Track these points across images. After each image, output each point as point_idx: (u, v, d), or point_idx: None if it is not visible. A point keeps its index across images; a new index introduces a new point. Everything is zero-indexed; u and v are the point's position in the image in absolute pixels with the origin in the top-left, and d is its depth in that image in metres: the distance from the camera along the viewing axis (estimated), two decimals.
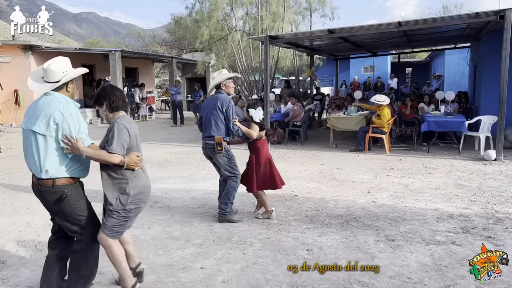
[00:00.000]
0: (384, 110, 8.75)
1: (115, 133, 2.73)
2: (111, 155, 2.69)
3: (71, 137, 2.62)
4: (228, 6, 15.29)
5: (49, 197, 2.71)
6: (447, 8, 36.03)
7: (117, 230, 2.87)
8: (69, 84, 2.80)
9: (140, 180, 2.89)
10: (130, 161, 2.77)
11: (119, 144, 2.71)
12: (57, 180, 2.68)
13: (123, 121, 2.82)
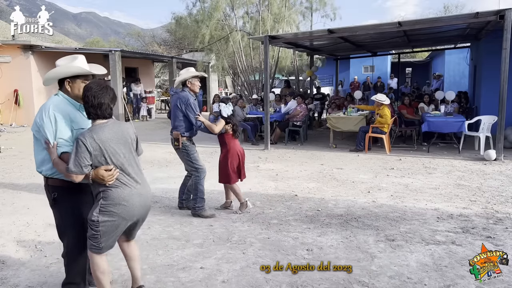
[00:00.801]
0: (384, 109, 8.75)
1: (74, 150, 2.51)
2: (69, 174, 2.52)
3: (49, 141, 2.57)
4: (228, 6, 15.28)
5: (46, 194, 2.78)
6: (448, 8, 36.05)
7: (92, 242, 2.66)
8: (70, 82, 2.69)
9: (117, 192, 2.61)
10: (96, 177, 2.55)
11: (76, 163, 2.48)
12: (50, 179, 2.70)
13: (84, 136, 2.52)
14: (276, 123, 10.65)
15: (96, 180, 2.56)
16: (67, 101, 2.70)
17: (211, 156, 8.69)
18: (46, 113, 2.58)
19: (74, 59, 2.70)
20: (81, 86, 2.67)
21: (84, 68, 2.71)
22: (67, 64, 2.68)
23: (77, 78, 2.68)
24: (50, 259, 3.70)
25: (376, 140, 9.59)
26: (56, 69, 2.68)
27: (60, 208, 2.74)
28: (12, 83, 13.89)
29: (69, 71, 2.67)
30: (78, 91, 2.68)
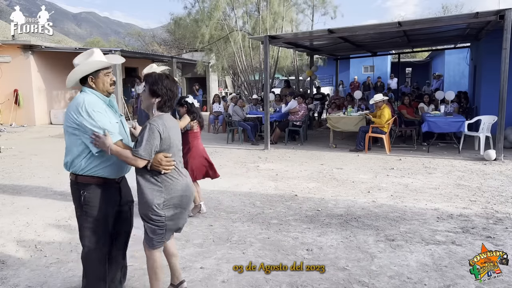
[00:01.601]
0: (384, 110, 8.75)
1: (145, 136, 2.49)
2: (135, 159, 2.49)
3: (98, 131, 2.47)
4: (228, 6, 15.28)
5: (72, 193, 2.66)
6: (447, 8, 36.03)
7: (155, 239, 2.62)
8: (92, 78, 2.61)
9: (176, 183, 2.62)
10: (154, 161, 2.53)
11: (146, 148, 2.48)
12: (79, 176, 2.60)
13: (158, 122, 2.54)
14: (276, 123, 10.65)
15: (154, 165, 2.53)
16: (95, 96, 2.62)
17: (211, 155, 8.69)
18: (83, 108, 2.50)
19: (91, 54, 2.63)
20: (104, 79, 2.63)
21: (104, 60, 2.65)
22: (86, 61, 2.61)
23: (98, 72, 2.62)
24: (50, 259, 3.70)
25: (376, 140, 9.59)
26: (77, 69, 2.61)
27: (87, 207, 2.62)
28: (12, 83, 13.89)
29: (90, 67, 2.60)
30: (102, 85, 2.64)
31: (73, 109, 2.53)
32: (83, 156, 2.57)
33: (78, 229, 2.72)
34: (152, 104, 2.61)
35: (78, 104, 2.53)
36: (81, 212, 2.64)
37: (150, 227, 2.61)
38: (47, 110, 14.84)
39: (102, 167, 2.60)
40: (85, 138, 2.52)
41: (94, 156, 2.56)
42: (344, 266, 3.46)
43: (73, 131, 2.54)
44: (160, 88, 2.57)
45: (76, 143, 2.56)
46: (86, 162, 2.57)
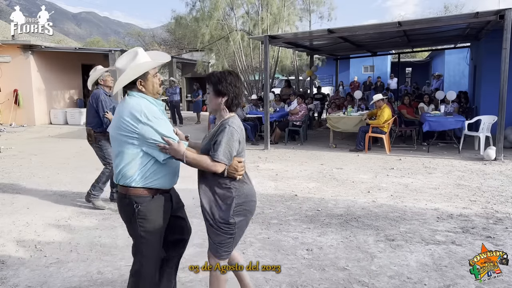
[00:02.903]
0: (384, 110, 8.75)
1: (224, 139, 2.30)
2: (215, 164, 2.30)
3: (168, 138, 2.27)
4: (228, 6, 15.29)
5: (122, 208, 2.42)
6: (448, 8, 36.05)
7: (223, 248, 2.46)
8: (141, 80, 2.37)
9: (245, 188, 2.45)
10: (230, 167, 2.35)
11: (226, 152, 2.30)
12: (132, 189, 2.33)
13: (235, 124, 2.37)
14: (276, 123, 10.65)
15: (230, 171, 2.36)
16: (147, 100, 2.38)
17: None
18: (143, 115, 2.26)
19: (135, 56, 2.39)
20: (153, 80, 2.42)
21: (156, 60, 2.47)
22: (134, 64, 2.37)
23: (147, 73, 2.39)
24: (50, 259, 3.70)
25: (376, 140, 9.58)
26: (126, 74, 2.35)
27: (143, 221, 2.37)
28: (12, 83, 13.89)
29: (139, 70, 2.36)
30: (152, 87, 2.42)
31: (128, 116, 2.27)
32: (140, 167, 2.33)
33: (132, 244, 2.49)
34: (219, 105, 2.43)
35: (135, 110, 2.27)
36: (135, 227, 2.39)
37: (218, 236, 2.43)
38: (47, 110, 14.84)
39: (158, 177, 2.38)
40: (147, 147, 2.29)
41: (152, 166, 2.35)
42: (344, 266, 3.46)
43: (131, 141, 2.28)
44: (224, 86, 2.40)
45: (133, 153, 2.31)
46: (143, 174, 2.34)
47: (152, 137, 2.26)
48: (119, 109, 2.38)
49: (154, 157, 2.33)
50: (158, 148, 2.29)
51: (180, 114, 14.76)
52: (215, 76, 2.45)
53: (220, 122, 2.42)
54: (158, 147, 2.28)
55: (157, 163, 2.35)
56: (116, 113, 2.40)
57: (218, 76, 2.44)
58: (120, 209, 2.46)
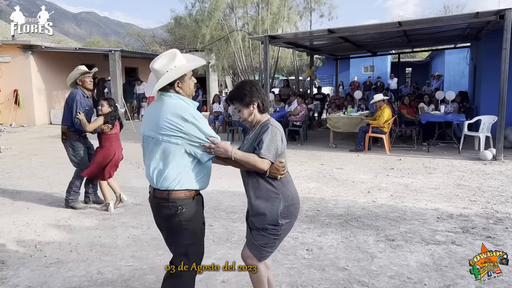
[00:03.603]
0: (384, 110, 8.75)
1: (268, 137, 2.35)
2: (262, 160, 2.32)
3: (213, 138, 2.27)
4: (228, 6, 15.30)
5: (162, 212, 2.34)
6: (448, 8, 36.06)
7: (267, 250, 2.46)
8: (179, 82, 2.33)
9: (290, 190, 2.47)
10: (272, 167, 2.37)
11: (271, 149, 2.34)
12: (173, 192, 2.28)
13: (277, 124, 2.44)
14: None
15: (271, 171, 2.37)
16: (183, 101, 2.33)
17: None
18: (187, 114, 2.23)
19: (174, 57, 2.35)
20: (189, 83, 2.39)
21: (196, 63, 2.44)
22: (173, 66, 2.32)
23: (184, 75, 2.36)
24: (50, 259, 3.70)
25: (376, 140, 9.58)
26: (167, 76, 2.30)
27: (187, 223, 2.33)
28: (12, 83, 13.89)
29: (178, 72, 2.32)
30: (188, 89, 2.39)
31: (172, 115, 2.22)
32: (183, 169, 2.28)
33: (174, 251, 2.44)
34: (251, 113, 2.45)
35: (180, 110, 2.24)
36: (179, 230, 2.34)
37: (263, 238, 2.42)
38: (47, 110, 14.85)
39: (198, 178, 2.36)
40: (191, 147, 2.25)
41: (194, 168, 2.32)
42: (344, 266, 3.46)
43: (175, 140, 2.23)
44: (249, 96, 2.42)
45: (176, 154, 2.26)
46: (185, 175, 2.30)
47: (198, 136, 2.24)
48: (155, 109, 2.32)
49: (196, 157, 2.30)
50: (202, 148, 2.27)
51: None
52: (235, 93, 2.49)
53: (260, 124, 2.46)
54: (203, 147, 2.26)
55: (198, 164, 2.34)
56: (151, 113, 2.35)
57: (238, 91, 2.48)
58: (159, 214, 2.38)
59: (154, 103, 2.41)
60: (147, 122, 2.37)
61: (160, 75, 2.31)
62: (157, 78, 2.33)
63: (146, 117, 2.43)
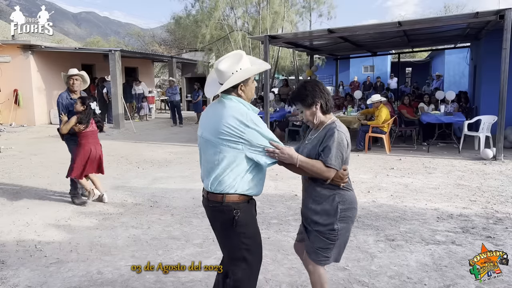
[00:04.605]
0: (381, 110, 8.74)
1: (335, 144, 2.27)
2: (328, 170, 2.25)
3: (277, 143, 2.20)
4: (228, 6, 15.30)
5: (217, 216, 2.30)
6: (448, 8, 36.06)
7: (323, 254, 2.41)
8: (242, 85, 2.28)
9: (348, 194, 2.41)
10: (335, 176, 2.31)
11: (338, 157, 2.27)
12: (228, 196, 2.23)
13: (343, 129, 2.35)
14: (276, 123, 10.65)
15: (335, 179, 2.32)
16: (243, 105, 2.27)
17: None
18: (248, 119, 2.17)
19: (241, 59, 2.28)
20: (252, 86, 2.35)
21: (259, 67, 2.39)
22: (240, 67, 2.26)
23: (248, 79, 2.31)
24: (50, 259, 3.70)
25: (376, 140, 9.58)
26: (234, 78, 2.23)
27: (243, 227, 2.27)
28: (12, 83, 13.89)
29: (246, 74, 2.27)
30: (250, 92, 2.34)
31: (232, 120, 2.17)
32: (241, 173, 2.24)
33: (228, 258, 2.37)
34: (314, 114, 2.40)
35: (240, 115, 2.18)
36: (234, 234, 2.29)
37: (321, 241, 2.40)
38: (47, 110, 14.84)
39: (254, 183, 2.30)
40: (252, 152, 2.20)
41: (251, 172, 2.27)
42: (344, 266, 3.46)
43: (235, 145, 2.18)
44: (311, 96, 2.37)
45: (236, 158, 2.21)
46: (242, 180, 2.24)
47: (260, 142, 2.18)
48: (215, 112, 2.27)
49: (255, 162, 2.24)
50: (264, 153, 2.20)
51: (180, 114, 14.76)
52: (297, 93, 2.43)
53: (324, 126, 2.40)
54: (267, 152, 2.20)
55: (255, 169, 2.28)
56: (211, 116, 2.29)
57: (300, 90, 2.42)
58: (213, 218, 2.34)
59: (213, 105, 2.35)
60: (205, 125, 2.31)
61: (225, 76, 2.25)
62: (220, 79, 2.28)
63: (204, 119, 2.37)
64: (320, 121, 2.41)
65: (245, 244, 2.30)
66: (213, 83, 2.36)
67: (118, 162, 8.08)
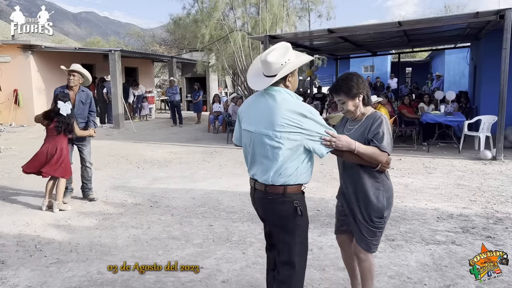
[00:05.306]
0: (380, 111, 8.73)
1: (385, 129, 2.39)
2: (382, 153, 2.35)
3: (332, 132, 2.25)
4: (227, 6, 15.29)
5: (277, 208, 2.28)
6: (449, 8, 36.06)
7: (374, 242, 2.53)
8: (290, 76, 2.29)
9: (389, 182, 2.52)
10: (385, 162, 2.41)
11: (389, 142, 2.39)
12: (289, 187, 2.24)
13: (383, 116, 2.50)
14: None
15: (383, 165, 2.42)
16: (291, 96, 2.27)
17: (211, 155, 8.69)
18: (305, 109, 2.19)
19: (288, 51, 2.28)
20: (297, 77, 2.37)
21: (303, 58, 2.38)
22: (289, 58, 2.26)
23: (294, 70, 2.32)
24: (50, 259, 3.70)
25: None
26: (286, 68, 2.23)
27: (301, 219, 2.28)
28: (11, 83, 13.88)
29: (292, 66, 2.28)
30: (296, 83, 2.36)
31: (290, 112, 2.17)
32: (299, 163, 2.26)
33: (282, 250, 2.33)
34: (357, 105, 2.49)
35: (296, 105, 2.20)
36: (292, 227, 2.29)
37: (371, 230, 2.49)
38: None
39: (308, 173, 2.33)
40: (310, 142, 2.22)
41: (307, 162, 2.30)
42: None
43: (294, 137, 2.18)
44: (356, 88, 2.45)
45: (295, 149, 2.21)
46: (300, 170, 2.27)
47: (318, 131, 2.21)
48: (265, 105, 2.26)
49: (310, 152, 2.28)
50: (321, 143, 2.24)
51: (181, 114, 14.75)
52: (343, 85, 2.48)
53: (367, 116, 2.51)
54: (323, 141, 2.24)
55: (311, 158, 2.33)
56: (263, 111, 2.26)
57: (346, 83, 2.48)
58: (272, 211, 2.31)
59: (259, 99, 2.33)
60: (258, 119, 2.28)
61: (273, 68, 2.23)
62: (267, 71, 2.27)
63: (253, 114, 2.33)
64: (361, 112, 2.52)
65: (300, 236, 2.32)
66: (258, 76, 2.34)
67: (118, 162, 8.07)
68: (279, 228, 2.33)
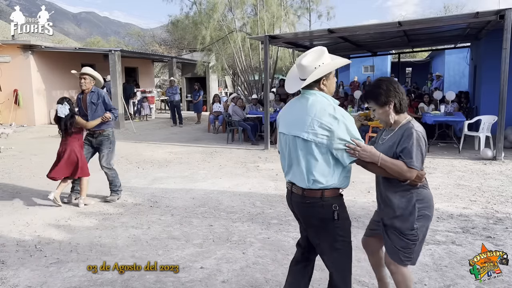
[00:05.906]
0: None
1: (414, 143, 2.27)
2: (410, 170, 2.23)
3: (358, 141, 2.16)
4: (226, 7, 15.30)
5: (315, 211, 2.26)
6: (448, 8, 36.05)
7: (405, 254, 2.38)
8: (324, 79, 2.26)
9: (425, 192, 2.40)
10: (416, 177, 2.30)
11: (418, 158, 2.28)
12: (326, 191, 2.22)
13: (420, 128, 2.35)
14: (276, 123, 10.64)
15: (415, 180, 2.32)
16: (327, 99, 2.24)
17: (211, 156, 8.69)
18: (338, 114, 2.15)
19: (323, 54, 2.28)
20: (333, 81, 2.33)
21: (339, 61, 2.35)
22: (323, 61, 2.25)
23: (329, 73, 2.28)
24: (50, 259, 3.70)
25: None
26: (316, 72, 2.22)
27: (341, 223, 2.27)
28: (12, 83, 13.89)
29: (327, 69, 2.25)
30: (332, 87, 2.32)
31: (323, 114, 2.15)
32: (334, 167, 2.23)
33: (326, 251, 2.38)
34: (387, 113, 2.38)
35: (330, 109, 2.17)
36: (333, 230, 2.29)
37: (401, 241, 2.38)
38: (47, 110, 14.84)
39: (347, 176, 2.31)
40: (335, 147, 2.16)
41: (340, 166, 2.25)
42: None
43: (321, 140, 2.16)
44: (384, 95, 2.34)
45: (327, 153, 2.19)
46: (337, 173, 2.24)
47: (343, 137, 2.14)
48: (300, 108, 2.26)
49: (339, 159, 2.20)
50: (345, 150, 2.17)
51: (180, 114, 14.75)
52: (372, 93, 2.41)
53: (400, 126, 2.39)
54: (348, 148, 2.16)
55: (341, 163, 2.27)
56: (296, 112, 2.28)
57: (375, 90, 2.39)
58: (311, 214, 2.29)
59: (296, 102, 2.35)
60: (292, 122, 2.28)
61: (307, 71, 2.24)
62: (302, 75, 2.27)
63: (289, 117, 2.33)
64: (394, 120, 2.39)
65: (342, 236, 2.32)
66: (294, 79, 2.35)
67: (118, 162, 8.07)
68: (318, 231, 2.33)
